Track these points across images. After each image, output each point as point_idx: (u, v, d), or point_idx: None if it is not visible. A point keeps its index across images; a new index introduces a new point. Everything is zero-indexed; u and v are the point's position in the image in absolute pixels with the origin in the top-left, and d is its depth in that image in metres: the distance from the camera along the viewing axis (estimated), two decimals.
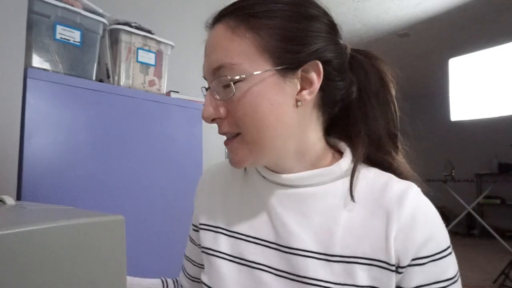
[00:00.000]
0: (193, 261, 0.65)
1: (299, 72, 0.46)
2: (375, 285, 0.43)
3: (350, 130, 0.53)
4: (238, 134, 0.48)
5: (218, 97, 0.47)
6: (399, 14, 3.26)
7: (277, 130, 0.46)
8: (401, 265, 0.43)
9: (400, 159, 0.53)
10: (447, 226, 0.47)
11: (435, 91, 5.86)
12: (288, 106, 0.46)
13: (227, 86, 0.45)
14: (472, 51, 3.14)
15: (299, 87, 0.47)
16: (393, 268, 0.43)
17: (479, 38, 3.79)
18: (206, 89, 0.51)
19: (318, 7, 0.49)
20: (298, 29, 0.45)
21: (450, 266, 0.44)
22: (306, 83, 0.47)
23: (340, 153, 0.53)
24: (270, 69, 0.45)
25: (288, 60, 0.45)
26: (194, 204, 0.64)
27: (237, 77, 0.44)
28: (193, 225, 0.64)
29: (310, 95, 0.47)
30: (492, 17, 3.34)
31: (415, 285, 0.43)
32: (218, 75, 0.46)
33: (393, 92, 0.53)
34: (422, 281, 0.43)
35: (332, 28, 0.49)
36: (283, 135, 0.47)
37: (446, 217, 5.18)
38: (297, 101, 0.46)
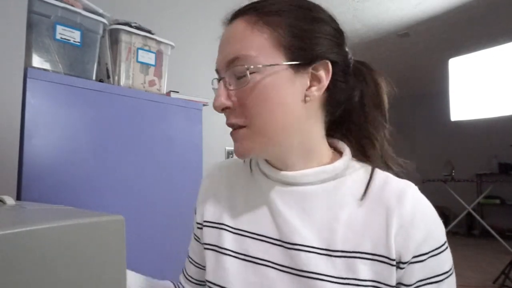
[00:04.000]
0: (195, 262, 0.65)
1: (310, 69, 0.49)
2: (376, 279, 0.45)
3: (351, 131, 0.57)
4: (244, 126, 0.49)
5: (231, 87, 0.49)
6: (399, 14, 3.26)
7: (283, 123, 0.48)
8: (403, 261, 0.44)
9: (393, 162, 0.56)
10: (447, 226, 0.48)
11: (435, 91, 5.85)
12: (297, 101, 0.48)
13: (241, 76, 0.47)
14: (472, 51, 3.14)
15: (308, 83, 0.49)
16: (394, 263, 0.44)
17: (479, 38, 3.79)
18: (218, 80, 0.52)
19: (325, 12, 0.52)
20: (310, 30, 0.49)
21: (446, 260, 0.47)
22: (315, 80, 0.49)
23: (339, 153, 0.56)
24: (284, 63, 0.47)
25: (301, 57, 0.48)
26: (198, 202, 0.63)
27: (252, 67, 0.46)
28: (197, 223, 0.63)
29: (318, 92, 0.49)
30: (492, 17, 3.34)
31: (415, 281, 0.45)
32: (233, 66, 0.48)
33: (386, 105, 0.56)
34: (422, 276, 0.45)
35: (339, 33, 0.53)
36: (288, 129, 0.49)
37: (446, 217, 5.18)
38: (305, 96, 0.49)
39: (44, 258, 0.30)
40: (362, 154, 0.55)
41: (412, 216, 0.45)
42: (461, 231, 5.27)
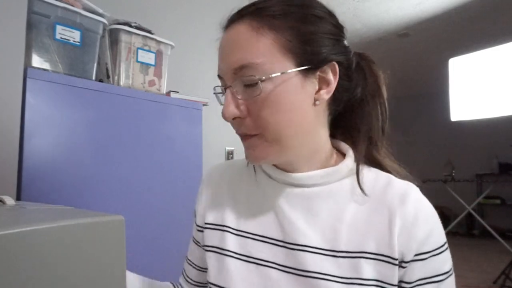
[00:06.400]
0: (195, 265, 0.64)
1: (318, 72, 0.48)
2: (379, 278, 0.45)
3: (352, 130, 0.56)
4: (256, 134, 0.48)
5: (239, 97, 0.46)
6: (399, 14, 3.25)
7: (297, 129, 0.48)
8: (405, 260, 0.46)
9: (389, 159, 0.56)
10: (447, 226, 0.48)
11: (435, 91, 5.85)
12: (307, 106, 0.48)
13: (251, 85, 0.45)
14: (472, 51, 3.13)
15: (317, 86, 0.48)
16: (396, 262, 0.45)
17: (479, 38, 3.79)
18: (225, 89, 0.49)
19: (323, 8, 0.50)
20: (314, 31, 0.47)
21: (447, 260, 0.48)
22: (323, 83, 0.48)
23: (342, 154, 0.56)
24: (294, 70, 0.45)
25: (309, 61, 0.46)
26: (197, 204, 0.63)
27: (264, 77, 0.44)
28: (197, 225, 0.62)
29: (327, 95, 0.49)
30: (492, 17, 3.34)
31: (416, 279, 0.46)
32: (241, 75, 0.46)
33: (385, 94, 0.55)
34: (422, 275, 0.46)
35: (339, 29, 0.51)
36: (302, 134, 0.49)
37: (446, 217, 5.19)
38: (315, 100, 0.48)
39: (44, 258, 0.30)
40: (365, 156, 0.54)
41: (415, 216, 0.46)
42: (461, 231, 5.27)
